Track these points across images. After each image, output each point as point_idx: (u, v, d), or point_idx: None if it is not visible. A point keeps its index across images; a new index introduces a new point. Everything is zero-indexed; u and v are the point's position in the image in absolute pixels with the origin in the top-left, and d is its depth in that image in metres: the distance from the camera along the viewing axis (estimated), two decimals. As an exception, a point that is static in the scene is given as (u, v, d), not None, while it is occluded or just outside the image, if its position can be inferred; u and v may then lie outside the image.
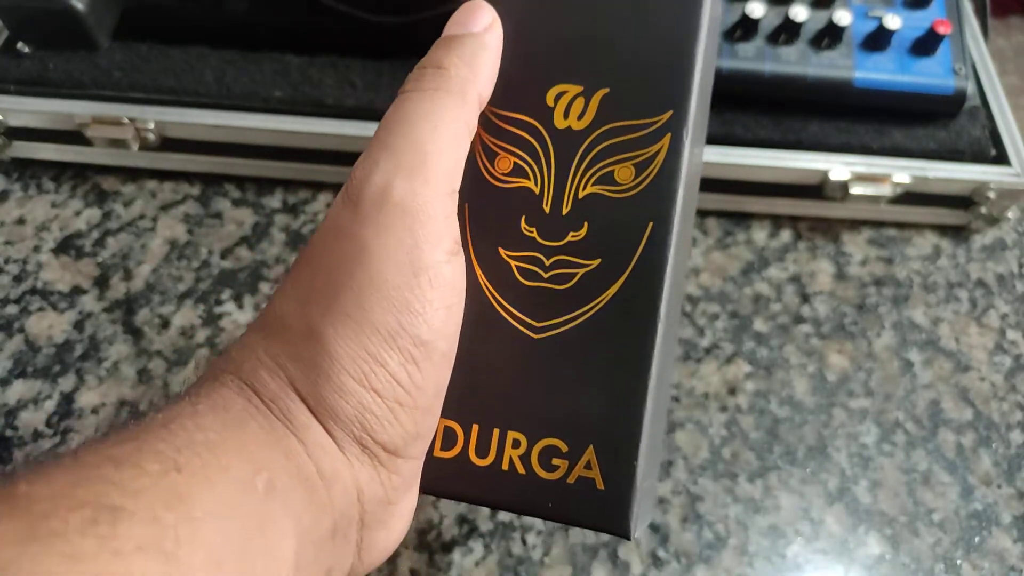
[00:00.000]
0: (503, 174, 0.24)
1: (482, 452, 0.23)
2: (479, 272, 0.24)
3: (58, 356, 0.40)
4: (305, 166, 0.45)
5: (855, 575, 0.35)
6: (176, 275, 0.43)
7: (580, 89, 0.24)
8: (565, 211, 0.23)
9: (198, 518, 0.17)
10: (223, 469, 0.18)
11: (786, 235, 0.45)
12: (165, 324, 0.41)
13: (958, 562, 0.35)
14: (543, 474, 0.22)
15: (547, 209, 0.23)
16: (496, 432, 0.23)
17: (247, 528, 0.18)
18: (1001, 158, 0.43)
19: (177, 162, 0.45)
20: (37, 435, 0.37)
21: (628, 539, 0.22)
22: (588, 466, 0.22)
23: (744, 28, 0.42)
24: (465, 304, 0.23)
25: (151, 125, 0.42)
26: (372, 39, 0.44)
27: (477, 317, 0.23)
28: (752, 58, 0.41)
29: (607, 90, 0.24)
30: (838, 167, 0.42)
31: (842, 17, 0.41)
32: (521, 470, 0.22)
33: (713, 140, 0.42)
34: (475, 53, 0.23)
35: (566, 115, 0.24)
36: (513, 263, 0.23)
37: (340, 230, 0.21)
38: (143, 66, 0.43)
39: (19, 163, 0.46)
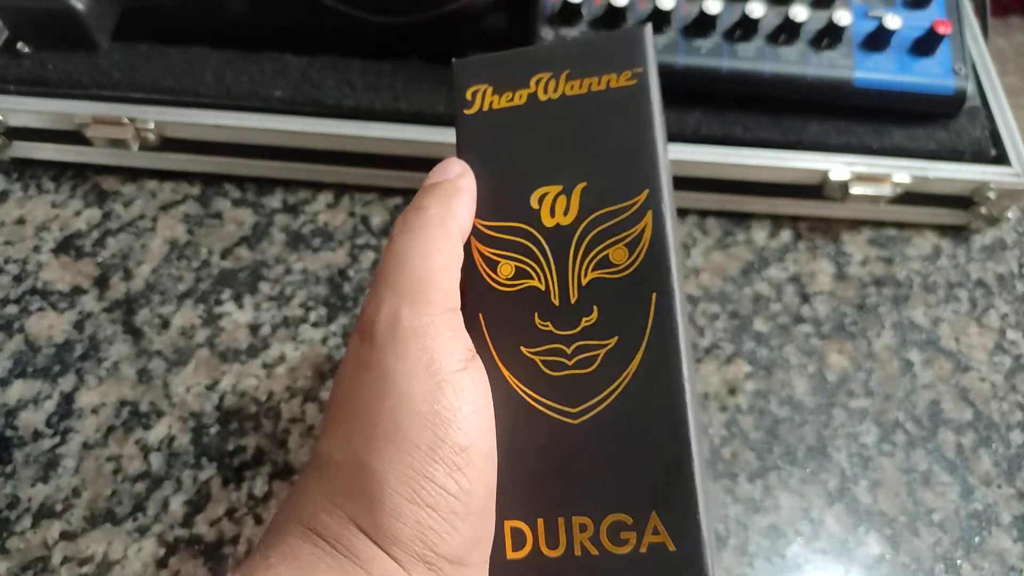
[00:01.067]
0: (507, 279, 0.25)
1: (552, 543, 0.23)
2: (507, 374, 0.25)
3: (58, 356, 0.40)
4: (305, 166, 0.45)
5: (855, 575, 0.35)
6: (176, 275, 0.43)
7: (560, 188, 0.26)
8: (573, 300, 0.25)
9: None
10: None
11: (786, 235, 0.45)
12: (165, 324, 0.41)
13: (958, 562, 0.35)
14: (616, 550, 0.23)
15: (556, 302, 0.25)
16: (562, 521, 0.23)
17: None
18: (1001, 158, 0.43)
19: (177, 162, 0.45)
20: (37, 435, 0.38)
21: None
22: (655, 531, 0.22)
23: (744, 28, 0.42)
24: (501, 406, 0.24)
25: (151, 125, 0.42)
26: (372, 39, 0.44)
27: (516, 416, 0.24)
28: (752, 58, 0.41)
29: (584, 183, 0.25)
30: (838, 167, 0.42)
31: (842, 17, 0.41)
32: (594, 551, 0.23)
33: (713, 140, 0.42)
34: (450, 194, 0.25)
35: (552, 213, 0.25)
36: (537, 358, 0.24)
37: (362, 364, 0.22)
38: (143, 66, 0.43)
39: (19, 163, 0.46)
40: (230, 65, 0.44)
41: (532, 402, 0.24)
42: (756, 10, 0.41)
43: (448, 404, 0.22)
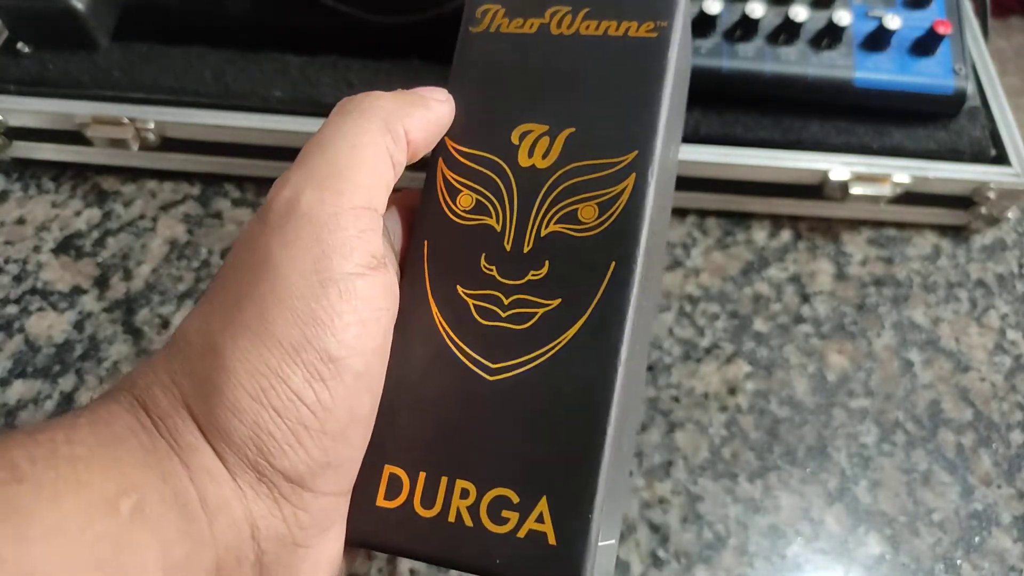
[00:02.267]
0: (464, 211, 0.24)
1: (428, 502, 0.21)
2: (434, 310, 0.23)
3: (58, 356, 0.40)
4: (305, 166, 0.45)
5: (855, 575, 0.35)
6: (176, 275, 0.43)
7: (546, 128, 0.24)
8: (526, 249, 0.23)
9: (31, 537, 0.15)
10: (80, 485, 0.16)
11: (786, 235, 0.45)
12: (165, 324, 0.41)
13: (958, 562, 0.35)
14: (492, 527, 0.21)
15: (508, 247, 0.23)
16: (444, 480, 0.21)
17: (97, 553, 0.16)
18: (1001, 158, 0.43)
19: (177, 162, 0.45)
20: (37, 435, 0.38)
21: None
22: (540, 519, 0.21)
23: (744, 28, 0.42)
24: (417, 343, 0.22)
25: (151, 125, 0.42)
26: (371, 39, 0.44)
27: (431, 357, 0.22)
28: (752, 58, 0.41)
29: (573, 130, 0.24)
30: (838, 167, 0.42)
31: (842, 17, 0.41)
32: (469, 522, 0.21)
33: (713, 140, 0.42)
34: (412, 103, 0.23)
35: (530, 153, 0.24)
36: (471, 302, 0.23)
37: (248, 243, 0.20)
38: (143, 66, 0.43)
39: (19, 163, 0.46)
40: (230, 65, 0.44)
41: (451, 346, 0.22)
42: (756, 10, 0.41)
43: (328, 306, 0.19)
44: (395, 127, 0.22)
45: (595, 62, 0.24)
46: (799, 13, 0.41)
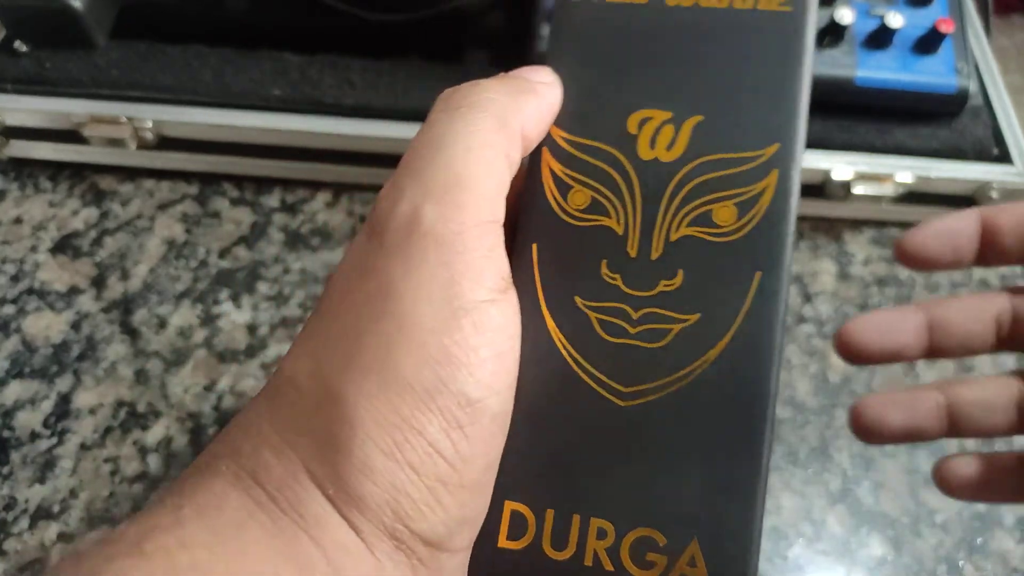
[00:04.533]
0: (578, 210, 0.21)
1: (559, 543, 0.19)
2: (551, 324, 0.20)
3: (55, 356, 0.40)
4: (304, 165, 0.44)
5: (857, 577, 0.35)
6: (174, 275, 0.43)
7: (668, 115, 0.21)
8: (655, 256, 0.20)
9: None
10: None
11: (787, 235, 0.45)
12: (162, 324, 0.41)
13: (960, 563, 0.35)
14: (636, 571, 0.19)
15: (633, 253, 0.20)
16: (576, 519, 0.19)
17: None
18: (1004, 157, 0.43)
19: (175, 161, 0.45)
20: (34, 436, 0.37)
21: None
22: (692, 563, 0.18)
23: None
24: (535, 361, 0.19)
25: (149, 124, 0.42)
26: (371, 38, 0.44)
27: (550, 378, 0.20)
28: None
29: (700, 117, 0.21)
30: (840, 166, 0.41)
31: (844, 15, 0.41)
32: (608, 566, 0.19)
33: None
34: (521, 91, 0.20)
35: (652, 144, 0.21)
36: (594, 315, 0.20)
37: (362, 268, 0.17)
38: (141, 65, 0.43)
39: (16, 162, 0.46)
40: (229, 64, 0.43)
41: (575, 366, 0.20)
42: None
43: (463, 341, 0.16)
44: (510, 123, 0.19)
45: (720, 38, 0.21)
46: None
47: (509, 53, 0.44)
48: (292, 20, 0.44)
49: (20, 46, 0.44)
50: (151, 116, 0.42)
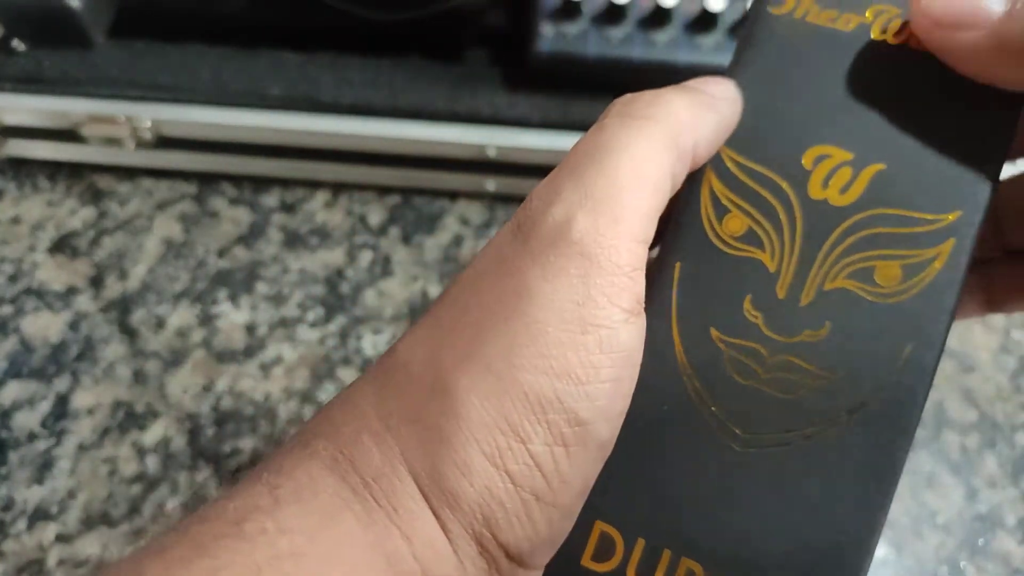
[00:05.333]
0: (732, 236, 0.20)
1: (645, 575, 0.18)
2: (680, 351, 0.19)
3: (53, 356, 0.40)
4: (302, 164, 0.44)
5: (858, 578, 0.35)
6: (172, 275, 0.42)
7: (849, 157, 0.19)
8: (804, 302, 0.19)
9: None
10: None
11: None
12: (161, 324, 0.41)
13: (962, 564, 0.35)
14: None
15: (781, 294, 0.19)
16: (667, 555, 0.18)
17: None
18: (1006, 156, 0.42)
19: (173, 160, 0.45)
20: (32, 436, 0.37)
21: None
22: None
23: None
24: (656, 385, 0.19)
25: (147, 123, 0.42)
26: (370, 37, 0.44)
27: (668, 405, 0.19)
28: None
29: (883, 166, 0.19)
30: (841, 165, 0.41)
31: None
32: None
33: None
34: (702, 106, 0.19)
35: (825, 184, 0.19)
36: (726, 351, 0.19)
37: (501, 262, 0.17)
38: (139, 64, 0.43)
39: (14, 162, 0.46)
40: (227, 62, 0.43)
41: (695, 399, 0.19)
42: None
43: (586, 358, 0.16)
44: (685, 141, 0.18)
45: (924, 84, 0.19)
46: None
47: (509, 53, 0.44)
48: (291, 19, 0.44)
49: (18, 45, 0.43)
50: (149, 115, 0.42)
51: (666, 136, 0.18)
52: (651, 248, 0.18)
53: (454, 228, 0.45)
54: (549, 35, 0.41)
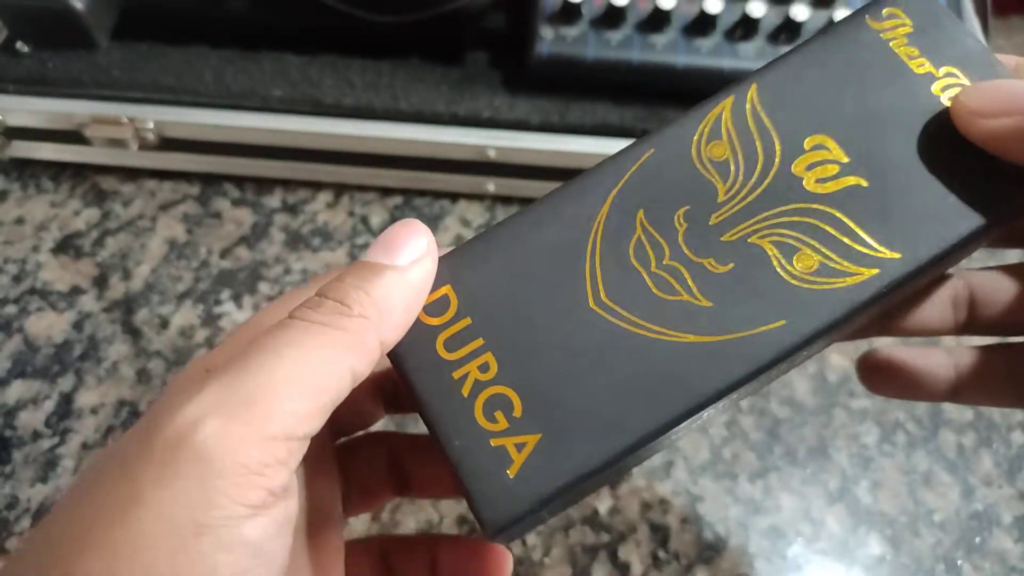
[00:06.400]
0: (708, 158, 0.21)
1: (452, 346, 0.20)
2: (605, 209, 0.21)
3: (57, 356, 0.40)
4: (304, 165, 0.45)
5: (856, 575, 0.35)
6: (175, 275, 0.43)
7: (843, 160, 0.21)
8: (725, 238, 0.20)
9: None
10: None
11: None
12: (164, 324, 0.41)
13: (959, 562, 0.35)
14: (479, 413, 0.19)
15: (712, 221, 0.21)
16: (479, 343, 0.20)
17: None
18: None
19: (176, 162, 0.45)
20: (36, 435, 0.37)
21: (488, 538, 0.19)
22: (520, 447, 0.19)
23: (745, 27, 0.42)
24: (567, 222, 0.20)
25: (150, 124, 0.42)
26: (372, 39, 0.44)
27: (567, 239, 0.21)
28: (753, 57, 0.41)
29: (865, 183, 0.20)
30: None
31: (844, 16, 0.41)
32: (465, 393, 0.19)
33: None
34: (390, 292, 0.19)
35: (809, 168, 0.21)
36: (639, 232, 0.21)
37: (122, 462, 0.16)
38: (142, 65, 0.43)
39: (18, 163, 0.46)
40: (230, 64, 0.44)
41: (589, 247, 0.21)
42: (757, 9, 0.41)
43: (200, 560, 0.15)
44: (369, 342, 0.18)
45: (944, 143, 0.21)
46: (800, 12, 0.41)
47: (509, 55, 0.44)
48: (293, 21, 0.44)
49: (22, 47, 0.44)
50: (152, 117, 0.42)
51: (348, 340, 0.18)
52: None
53: (455, 229, 0.45)
54: (549, 38, 0.41)
